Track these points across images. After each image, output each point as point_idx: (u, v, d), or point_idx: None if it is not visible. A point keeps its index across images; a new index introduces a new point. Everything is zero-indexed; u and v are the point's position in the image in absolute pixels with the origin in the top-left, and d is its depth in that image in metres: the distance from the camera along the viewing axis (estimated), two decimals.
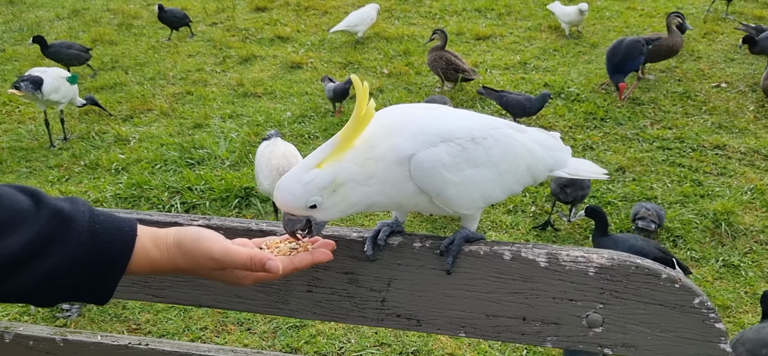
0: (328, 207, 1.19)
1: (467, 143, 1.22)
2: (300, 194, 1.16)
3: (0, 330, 1.53)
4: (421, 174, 1.19)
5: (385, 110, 1.26)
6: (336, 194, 1.18)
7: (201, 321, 3.43)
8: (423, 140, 1.19)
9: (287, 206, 1.17)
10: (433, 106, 1.29)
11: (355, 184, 1.19)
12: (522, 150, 1.30)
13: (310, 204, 1.16)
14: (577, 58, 6.94)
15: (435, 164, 1.19)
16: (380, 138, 1.19)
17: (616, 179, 4.67)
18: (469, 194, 1.24)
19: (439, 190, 1.21)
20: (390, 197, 1.23)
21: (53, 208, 1.02)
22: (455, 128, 1.22)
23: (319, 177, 1.16)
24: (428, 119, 1.23)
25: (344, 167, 1.17)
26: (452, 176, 1.21)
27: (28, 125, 6.09)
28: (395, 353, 3.15)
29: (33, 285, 1.00)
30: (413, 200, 1.24)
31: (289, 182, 1.17)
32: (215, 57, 7.57)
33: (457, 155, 1.21)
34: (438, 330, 1.32)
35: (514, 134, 1.31)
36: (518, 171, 1.31)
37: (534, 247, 1.27)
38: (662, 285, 1.21)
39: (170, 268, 1.12)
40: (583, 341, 1.26)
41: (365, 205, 1.23)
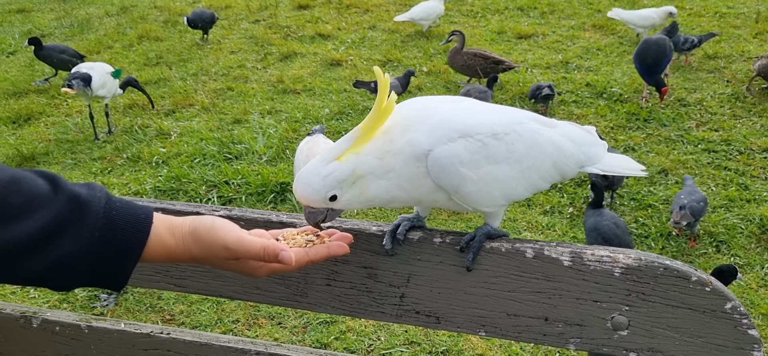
0: (348, 200, 1.17)
1: (488, 139, 1.18)
2: (319, 187, 1.15)
3: (28, 315, 1.56)
4: (438, 171, 1.16)
5: (406, 102, 1.23)
6: (355, 186, 1.17)
7: (233, 314, 3.46)
8: (440, 135, 1.16)
9: (306, 199, 1.16)
10: (456, 99, 1.26)
11: (374, 177, 1.17)
12: (548, 146, 1.26)
13: (330, 197, 1.15)
14: (621, 58, 6.78)
15: (452, 160, 1.16)
16: (399, 132, 1.17)
17: (659, 181, 4.54)
18: (488, 191, 1.21)
19: (456, 187, 1.18)
20: (408, 193, 1.20)
21: (70, 193, 1.03)
22: (476, 123, 1.19)
23: (338, 170, 1.15)
24: (448, 113, 1.20)
25: (363, 160, 1.16)
26: (471, 173, 1.17)
27: (74, 118, 6.25)
28: (425, 352, 3.12)
29: (48, 268, 1.01)
30: (432, 197, 1.22)
31: (308, 175, 1.16)
32: (257, 54, 7.65)
33: (476, 151, 1.17)
34: (457, 328, 1.29)
35: (540, 129, 1.26)
36: (543, 168, 1.26)
37: (557, 245, 1.23)
38: (692, 287, 1.15)
39: (185, 257, 1.12)
40: (607, 344, 1.21)
41: (385, 199, 1.21)
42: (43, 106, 6.53)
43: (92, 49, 8.12)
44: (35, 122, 6.26)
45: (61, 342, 1.54)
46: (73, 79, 5.30)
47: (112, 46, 8.23)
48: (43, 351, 1.56)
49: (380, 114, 1.15)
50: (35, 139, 5.85)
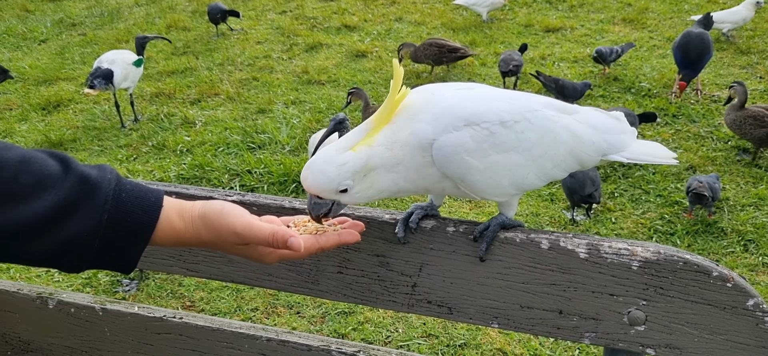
0: (357, 192, 1.15)
1: (495, 127, 1.15)
2: (334, 176, 1.12)
3: (44, 296, 1.57)
4: (443, 160, 1.13)
5: (415, 90, 1.21)
6: (366, 178, 1.14)
7: (252, 302, 3.47)
8: (445, 123, 1.13)
9: (318, 188, 1.13)
10: (467, 86, 1.23)
11: (384, 170, 1.15)
12: (564, 134, 1.22)
13: (342, 188, 1.13)
14: (651, 53, 6.65)
15: (457, 149, 1.13)
16: (404, 122, 1.15)
17: (686, 177, 4.44)
18: (496, 180, 1.18)
19: (462, 176, 1.15)
20: (415, 183, 1.18)
21: (80, 174, 1.03)
22: (483, 111, 1.15)
23: (353, 160, 1.12)
24: (454, 100, 1.17)
25: (375, 152, 1.13)
26: (476, 162, 1.14)
27: (102, 106, 6.33)
28: (443, 345, 3.10)
29: (57, 248, 1.01)
30: (440, 185, 1.19)
31: (322, 163, 1.13)
32: (282, 44, 7.66)
33: (482, 140, 1.14)
34: (470, 319, 1.27)
35: (556, 116, 1.23)
36: (558, 156, 1.22)
37: (574, 237, 1.20)
38: (712, 283, 1.11)
39: (195, 241, 1.11)
40: (623, 339, 1.18)
41: (391, 191, 1.18)
42: (71, 93, 6.63)
43: (121, 38, 8.21)
44: (64, 109, 6.35)
45: (76, 324, 1.55)
46: (94, 80, 5.33)
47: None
48: (58, 331, 1.57)
49: (392, 106, 1.13)
50: (64, 125, 5.93)
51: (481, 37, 7.34)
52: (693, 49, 5.28)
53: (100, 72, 5.38)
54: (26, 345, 1.61)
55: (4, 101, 6.53)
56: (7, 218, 0.96)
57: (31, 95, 6.66)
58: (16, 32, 8.74)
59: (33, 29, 8.78)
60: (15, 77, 6.59)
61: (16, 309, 1.59)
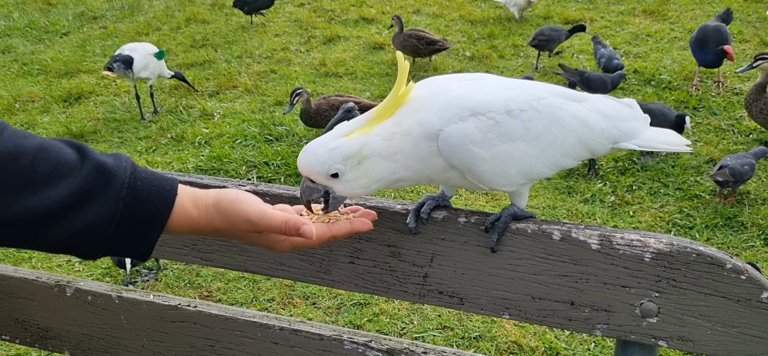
0: (350, 180, 1.15)
1: (501, 117, 1.15)
2: (324, 159, 1.12)
3: (62, 284, 1.59)
4: (448, 150, 1.13)
5: (420, 83, 1.21)
6: (360, 167, 1.14)
7: (269, 293, 3.50)
8: (451, 113, 1.13)
9: (309, 170, 1.14)
10: (474, 76, 1.23)
11: (380, 158, 1.15)
12: (572, 122, 1.21)
13: (332, 172, 1.13)
14: (672, 45, 6.58)
15: (462, 140, 1.13)
16: (408, 112, 1.15)
17: (706, 171, 4.39)
18: (503, 170, 1.17)
19: (468, 166, 1.15)
20: (417, 173, 1.18)
21: (96, 162, 1.04)
22: (489, 101, 1.15)
23: (345, 145, 1.13)
24: (460, 90, 1.17)
25: (371, 140, 1.14)
26: (483, 152, 1.14)
27: (122, 97, 6.40)
28: (458, 337, 3.10)
29: (73, 236, 1.03)
30: (445, 175, 1.19)
31: (314, 146, 1.14)
32: (300, 37, 7.68)
33: (488, 130, 1.14)
34: (481, 310, 1.27)
35: (564, 103, 1.22)
36: (566, 145, 1.22)
37: (586, 228, 1.19)
38: (726, 275, 1.10)
39: (209, 229, 1.12)
40: (635, 331, 1.17)
41: (389, 181, 1.18)
42: (92, 86, 6.70)
43: (141, 31, 8.28)
44: (85, 101, 6.42)
45: (93, 311, 1.57)
46: (114, 62, 5.39)
47: (160, 28, 8.38)
48: (75, 318, 1.59)
49: (396, 100, 1.13)
50: (84, 117, 6.00)
51: (499, 30, 7.30)
52: (710, 42, 5.21)
53: (120, 57, 5.44)
54: (45, 331, 1.64)
55: (27, 93, 6.62)
56: (24, 206, 0.98)
57: (52, 87, 6.74)
58: (39, 25, 8.85)
59: (55, 22, 8.88)
60: None
61: (35, 296, 1.62)
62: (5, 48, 8.09)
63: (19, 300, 1.63)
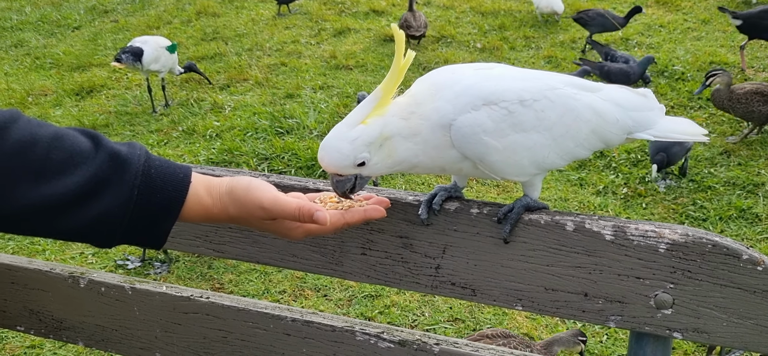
0: (376, 163, 1.15)
1: (514, 106, 1.14)
2: (348, 152, 1.12)
3: (76, 276, 1.60)
4: (461, 139, 1.13)
5: (437, 70, 1.21)
6: (382, 148, 1.14)
7: (280, 285, 3.51)
8: (464, 103, 1.13)
9: (335, 166, 1.13)
10: (489, 65, 1.22)
11: (401, 138, 1.15)
12: (586, 112, 1.20)
13: (359, 162, 1.13)
14: (685, 35, 6.52)
15: (474, 129, 1.12)
16: (426, 96, 1.14)
17: (720, 163, 4.36)
18: (516, 160, 1.17)
19: (481, 156, 1.15)
20: (433, 160, 1.17)
21: (111, 151, 1.05)
22: (502, 90, 1.14)
23: (365, 133, 1.12)
24: (474, 79, 1.16)
25: (389, 121, 1.13)
26: (495, 142, 1.13)
27: (134, 91, 6.42)
28: (469, 329, 3.09)
29: (89, 224, 1.03)
30: (457, 165, 1.19)
31: (334, 141, 1.13)
32: (311, 29, 7.68)
33: (500, 119, 1.13)
34: (493, 301, 1.26)
35: (578, 94, 1.21)
36: (580, 135, 1.21)
37: (600, 219, 1.18)
38: (743, 266, 1.09)
39: (222, 216, 1.12)
40: (649, 322, 1.16)
41: (411, 163, 1.18)
42: (104, 79, 6.73)
43: (152, 24, 8.30)
44: (97, 94, 6.46)
45: (106, 303, 1.58)
46: (122, 54, 5.40)
47: (171, 22, 8.40)
48: (89, 310, 1.60)
49: (399, 72, 1.12)
50: (96, 111, 6.03)
51: (510, 21, 7.27)
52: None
53: (129, 48, 5.45)
54: (59, 323, 1.65)
55: (40, 86, 6.66)
56: (40, 193, 0.99)
57: (65, 80, 6.78)
58: (51, 19, 8.90)
59: (66, 16, 8.92)
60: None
61: (49, 287, 1.63)
62: (18, 42, 8.15)
63: (34, 291, 1.64)
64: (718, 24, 6.64)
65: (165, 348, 1.56)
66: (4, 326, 1.71)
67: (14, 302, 1.65)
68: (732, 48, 5.99)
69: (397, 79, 1.14)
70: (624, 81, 4.97)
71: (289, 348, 1.44)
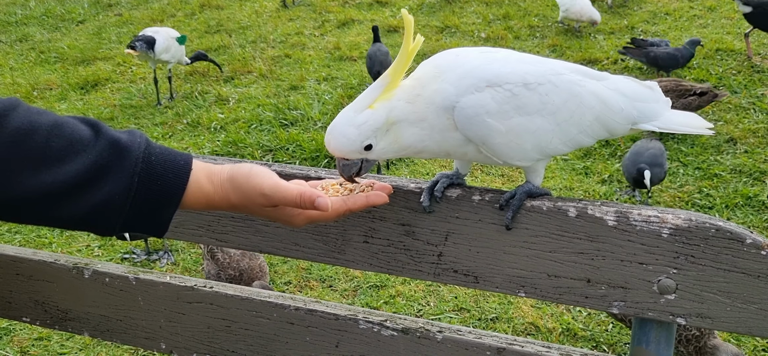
0: (383, 147, 1.15)
1: (518, 89, 1.13)
2: (355, 137, 1.12)
3: (80, 267, 1.61)
4: (464, 121, 1.12)
5: (441, 53, 1.20)
6: (389, 133, 1.14)
7: (285, 276, 3.52)
8: (468, 84, 1.12)
9: (342, 151, 1.14)
10: (493, 49, 1.21)
11: (407, 123, 1.15)
12: (591, 99, 1.20)
13: (365, 146, 1.13)
14: (691, 23, 6.48)
15: (478, 110, 1.12)
16: (430, 79, 1.14)
17: (726, 150, 4.33)
18: (519, 143, 1.16)
19: (483, 139, 1.14)
20: (438, 144, 1.17)
21: (111, 138, 1.05)
22: (506, 73, 1.14)
23: (372, 118, 1.12)
24: (478, 62, 1.16)
25: (396, 106, 1.13)
26: (498, 124, 1.13)
27: (138, 84, 6.43)
28: (474, 319, 3.09)
29: (90, 211, 1.03)
30: (461, 150, 1.18)
31: (342, 126, 1.13)
32: (314, 21, 7.67)
33: (504, 101, 1.13)
34: (496, 288, 1.26)
35: (583, 80, 1.20)
36: (584, 122, 1.20)
37: (602, 204, 1.18)
38: (746, 250, 1.09)
39: (224, 204, 1.12)
40: (653, 308, 1.16)
41: (417, 149, 1.18)
42: (109, 73, 6.74)
43: (155, 17, 8.31)
44: (102, 87, 6.47)
45: (111, 293, 1.58)
46: (136, 41, 5.43)
47: (174, 15, 8.41)
48: (94, 300, 1.61)
49: (408, 57, 1.12)
50: (101, 104, 6.05)
51: (515, 10, 7.24)
52: None
53: (143, 37, 5.48)
54: (64, 313, 1.66)
55: (45, 80, 6.68)
56: (40, 181, 0.99)
57: (69, 74, 6.80)
58: (55, 13, 8.91)
59: (71, 10, 8.94)
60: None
61: (54, 278, 1.63)
62: (22, 36, 8.17)
63: (39, 283, 1.65)
64: (724, 11, 6.60)
65: (169, 337, 1.57)
66: (10, 317, 1.72)
67: (19, 293, 1.66)
68: (738, 35, 5.95)
69: (406, 64, 1.14)
70: (673, 65, 4.80)
71: (292, 337, 1.44)
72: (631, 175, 3.70)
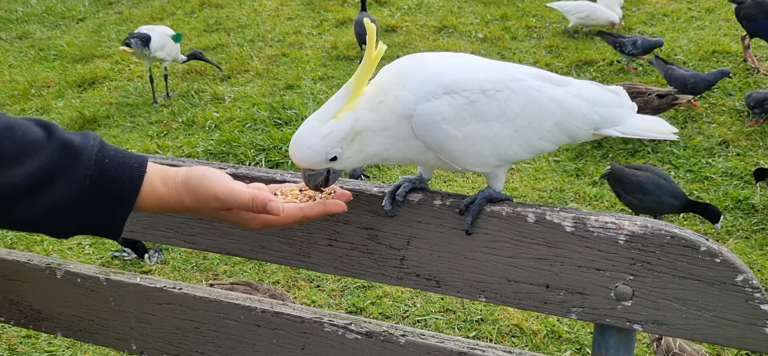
0: (348, 157, 1.16)
1: (475, 96, 1.14)
2: (320, 149, 1.13)
3: (53, 267, 1.62)
4: (421, 128, 1.13)
5: (404, 58, 1.21)
6: (354, 143, 1.15)
7: (274, 276, 3.52)
8: (425, 91, 1.13)
9: (307, 162, 1.14)
10: (456, 55, 1.22)
11: (371, 132, 1.15)
12: (551, 105, 1.20)
13: (331, 157, 1.13)
14: (689, 24, 6.46)
15: (435, 118, 1.12)
16: (391, 85, 1.15)
17: (718, 153, 4.32)
18: (477, 150, 1.16)
19: (441, 145, 1.15)
20: (401, 151, 1.18)
21: (63, 140, 1.05)
22: (464, 79, 1.14)
23: (337, 128, 1.13)
24: (438, 68, 1.16)
25: (360, 115, 1.14)
26: (455, 131, 1.13)
27: (136, 82, 6.44)
28: (460, 320, 3.09)
29: (43, 214, 1.04)
30: (423, 156, 1.19)
31: (307, 137, 1.14)
32: (313, 20, 7.67)
33: (461, 108, 1.13)
34: (458, 292, 1.26)
35: (543, 86, 1.20)
36: (544, 128, 1.20)
37: (561, 211, 1.18)
38: (701, 258, 1.09)
39: (178, 207, 1.13)
40: (610, 314, 1.16)
41: (382, 157, 1.19)
42: (107, 71, 6.76)
43: (155, 15, 8.32)
44: (99, 86, 6.48)
45: (82, 293, 1.59)
46: (131, 38, 5.45)
47: (174, 13, 8.42)
48: (66, 300, 1.62)
49: (371, 65, 1.12)
50: (98, 102, 6.06)
51: (513, 11, 7.23)
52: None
53: (138, 34, 5.50)
54: (38, 313, 1.67)
55: (43, 78, 6.70)
56: None
57: (67, 72, 6.82)
58: (56, 11, 8.94)
59: (71, 8, 8.96)
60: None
61: (27, 278, 1.64)
62: (22, 34, 8.19)
63: (13, 282, 1.66)
64: (722, 13, 6.58)
65: (140, 338, 1.58)
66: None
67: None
68: (735, 37, 5.93)
69: (369, 71, 1.14)
70: (692, 88, 4.65)
71: (259, 339, 1.45)
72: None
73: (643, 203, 3.46)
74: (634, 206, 3.54)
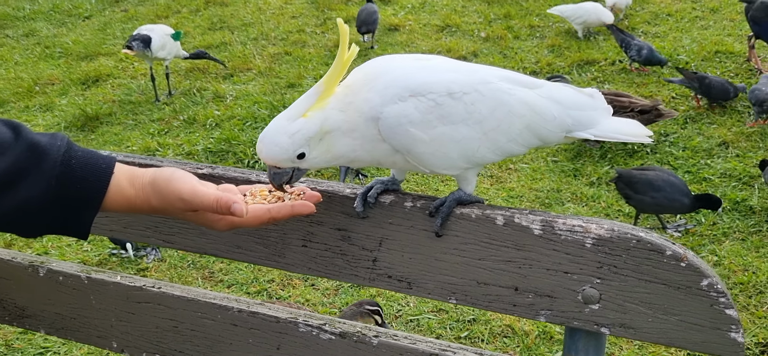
0: (315, 157, 1.16)
1: (442, 99, 1.14)
2: (287, 146, 1.14)
3: (36, 265, 1.63)
4: (387, 131, 1.13)
5: (373, 60, 1.22)
6: (322, 143, 1.16)
7: (269, 274, 3.54)
8: (392, 94, 1.13)
9: (274, 159, 1.15)
10: (426, 57, 1.22)
11: (340, 133, 1.16)
12: (520, 108, 1.20)
13: (298, 154, 1.14)
14: (693, 24, 6.42)
15: (400, 120, 1.12)
16: (360, 87, 1.15)
17: (718, 154, 4.30)
18: (444, 153, 1.17)
19: (407, 148, 1.15)
20: (369, 154, 1.18)
21: (30, 141, 1.07)
22: (431, 82, 1.15)
23: (305, 127, 1.14)
24: (405, 70, 1.17)
25: (329, 115, 1.15)
26: (422, 133, 1.14)
27: (139, 80, 6.48)
28: (452, 320, 3.10)
29: (9, 213, 1.05)
30: (390, 159, 1.19)
31: (273, 134, 1.15)
32: (317, 18, 7.68)
33: (427, 111, 1.13)
34: (429, 294, 1.27)
35: (513, 89, 1.20)
36: (513, 130, 1.20)
37: (529, 213, 1.18)
38: (666, 262, 1.09)
39: (145, 207, 1.14)
40: (578, 317, 1.16)
41: (349, 158, 1.20)
42: (110, 69, 6.79)
43: (161, 13, 8.35)
44: (103, 83, 6.52)
45: (64, 291, 1.61)
46: (133, 41, 5.48)
47: (179, 11, 8.45)
48: (49, 298, 1.63)
49: (342, 66, 1.13)
50: (101, 100, 6.10)
51: (516, 10, 7.21)
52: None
53: (138, 36, 5.53)
54: (21, 310, 1.68)
55: (48, 75, 6.74)
56: None
57: (72, 70, 6.86)
58: (62, 9, 8.98)
59: (78, 6, 9.00)
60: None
61: (11, 276, 1.66)
62: (29, 31, 8.24)
63: None
64: (727, 13, 6.54)
65: (120, 336, 1.59)
66: None
67: None
68: (739, 37, 5.89)
69: (340, 72, 1.15)
70: (724, 95, 4.68)
71: (236, 338, 1.46)
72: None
73: (655, 200, 3.49)
74: (645, 205, 3.56)
